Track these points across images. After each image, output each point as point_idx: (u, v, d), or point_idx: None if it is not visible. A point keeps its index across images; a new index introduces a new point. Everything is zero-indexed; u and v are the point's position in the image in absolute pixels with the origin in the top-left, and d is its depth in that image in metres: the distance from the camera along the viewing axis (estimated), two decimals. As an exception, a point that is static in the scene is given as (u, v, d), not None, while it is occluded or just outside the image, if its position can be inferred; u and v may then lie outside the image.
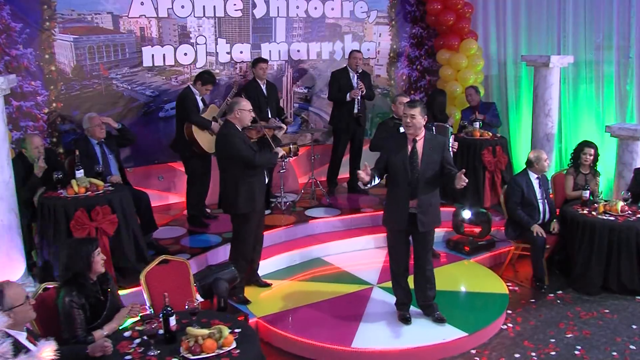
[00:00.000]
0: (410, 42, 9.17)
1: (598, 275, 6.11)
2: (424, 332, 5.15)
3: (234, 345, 3.67)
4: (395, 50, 9.10)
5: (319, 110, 8.56)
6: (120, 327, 3.97)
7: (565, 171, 7.12)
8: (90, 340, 3.82)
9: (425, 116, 4.99)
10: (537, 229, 6.23)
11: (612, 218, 6.15)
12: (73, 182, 5.27)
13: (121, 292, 5.16)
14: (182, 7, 7.34)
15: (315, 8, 8.31)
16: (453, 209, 7.13)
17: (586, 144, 6.95)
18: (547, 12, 8.53)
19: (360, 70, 7.81)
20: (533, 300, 6.07)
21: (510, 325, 5.56)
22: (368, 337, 5.07)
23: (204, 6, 7.47)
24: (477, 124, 7.81)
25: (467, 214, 6.93)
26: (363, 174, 4.93)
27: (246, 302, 5.69)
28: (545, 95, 7.91)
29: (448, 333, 5.13)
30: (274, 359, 5.05)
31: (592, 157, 6.87)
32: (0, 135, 4.88)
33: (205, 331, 3.67)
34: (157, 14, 7.21)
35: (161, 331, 3.74)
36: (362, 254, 6.87)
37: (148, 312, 3.86)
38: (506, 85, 9.08)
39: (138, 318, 3.95)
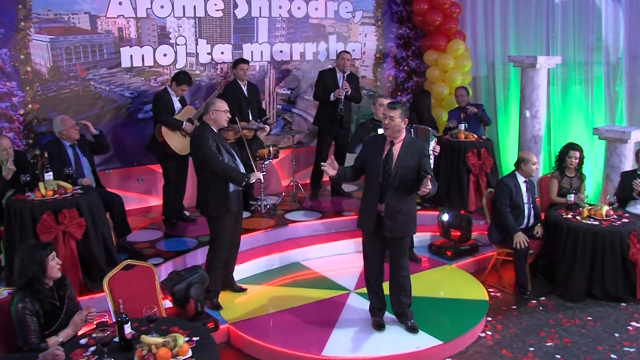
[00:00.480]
0: (397, 43, 9.04)
1: (582, 282, 5.98)
2: (398, 340, 5.02)
3: (189, 354, 3.55)
4: (382, 50, 8.98)
5: (302, 112, 8.44)
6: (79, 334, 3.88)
7: (550, 174, 6.98)
8: (44, 347, 3.71)
9: (406, 119, 4.86)
10: (519, 238, 6.08)
11: (596, 223, 6.00)
12: (40, 184, 5.16)
13: (88, 298, 5.10)
14: (162, 7, 7.23)
15: (299, 8, 8.19)
16: (437, 213, 7.02)
17: (571, 146, 6.80)
18: (536, 12, 8.41)
19: (348, 72, 7.69)
20: (514, 307, 5.94)
21: (489, 332, 5.42)
22: (340, 345, 4.94)
23: (183, 6, 7.35)
24: (462, 126, 7.69)
25: (445, 216, 6.81)
26: (328, 167, 4.83)
27: (219, 307, 5.57)
28: (533, 96, 7.79)
29: (422, 341, 4.99)
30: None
31: (577, 161, 6.73)
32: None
33: (160, 340, 3.56)
34: (136, 14, 7.10)
35: (117, 339, 3.65)
36: (342, 259, 6.75)
37: (104, 319, 3.74)
38: (494, 86, 8.95)
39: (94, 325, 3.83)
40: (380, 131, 6.20)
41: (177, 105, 6.70)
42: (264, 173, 7.25)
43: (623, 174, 6.74)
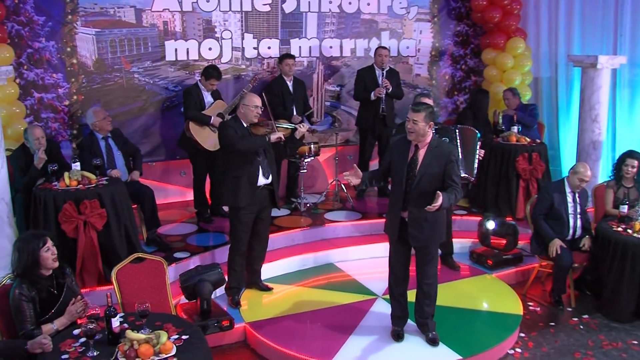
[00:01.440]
0: (455, 40, 8.67)
1: (629, 301, 5.51)
2: (413, 352, 4.78)
3: (172, 352, 3.46)
4: (438, 48, 8.63)
5: (351, 109, 8.22)
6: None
7: (606, 183, 6.47)
8: (37, 334, 3.70)
9: (432, 122, 4.58)
10: (556, 245, 5.68)
11: (648, 238, 5.52)
12: (65, 174, 5.24)
13: (102, 289, 5.14)
14: (207, 1, 7.23)
15: (350, 3, 7.98)
16: (479, 219, 6.67)
17: (630, 154, 6.28)
18: (603, 10, 7.85)
19: (386, 68, 7.44)
20: (552, 324, 5.55)
21: (518, 350, 5.08)
22: (351, 353, 4.74)
23: (230, 0, 7.32)
24: (515, 128, 7.28)
25: (491, 224, 6.44)
26: (351, 177, 4.66)
27: (238, 305, 5.50)
28: (593, 99, 7.26)
29: (439, 355, 4.73)
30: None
31: (634, 170, 6.19)
32: (-8, 126, 4.93)
33: (142, 336, 3.50)
34: (181, 7, 7.13)
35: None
36: (378, 262, 6.42)
37: (96, 311, 3.72)
38: (557, 88, 8.42)
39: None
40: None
41: (208, 99, 6.68)
42: (305, 171, 7.17)
43: None
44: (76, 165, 5.38)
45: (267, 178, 5.43)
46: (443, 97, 8.76)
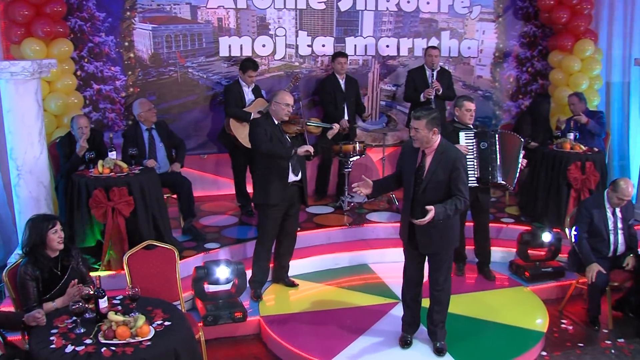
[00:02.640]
0: (521, 42, 8.31)
1: (671, 330, 5.10)
2: (414, 359, 4.67)
3: (149, 336, 3.59)
4: (502, 49, 8.30)
5: (407, 109, 8.07)
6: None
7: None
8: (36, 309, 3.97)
9: (435, 128, 4.44)
10: (593, 271, 5.32)
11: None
12: (99, 162, 5.54)
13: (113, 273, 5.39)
14: (262, -2, 7.38)
15: (408, 2, 7.85)
16: (529, 228, 6.39)
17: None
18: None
19: (437, 68, 7.26)
20: (581, 345, 5.23)
21: (536, 368, 4.85)
22: (353, 355, 4.72)
23: (284, -2, 7.44)
24: (571, 135, 6.89)
25: (547, 236, 6.14)
26: (361, 187, 4.62)
27: (259, 298, 5.61)
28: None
29: (440, 365, 4.61)
30: (260, 358, 5.00)
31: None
32: (33, 115, 5.29)
33: (120, 318, 3.66)
34: (236, 4, 7.31)
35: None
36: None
37: (88, 291, 3.91)
38: (629, 93, 7.86)
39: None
40: (462, 135, 5.81)
41: (248, 97, 6.82)
42: (349, 169, 7.14)
43: None
44: (112, 154, 5.66)
45: (297, 175, 5.49)
46: (506, 101, 8.42)
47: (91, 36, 6.90)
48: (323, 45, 7.71)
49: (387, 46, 7.94)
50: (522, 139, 5.87)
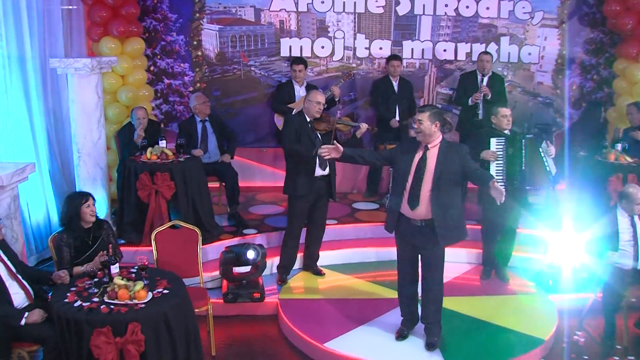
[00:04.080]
0: (586, 49, 8.11)
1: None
2: (405, 353, 4.93)
3: (145, 300, 4.15)
4: (564, 56, 8.16)
5: (464, 113, 8.20)
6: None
7: None
8: (69, 270, 4.65)
9: (437, 122, 4.64)
10: (609, 257, 5.29)
11: None
12: (148, 150, 6.23)
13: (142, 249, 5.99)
14: (322, 2, 7.82)
15: (467, 7, 7.95)
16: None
17: None
18: None
19: (488, 73, 7.33)
20: (586, 358, 5.21)
21: (528, 375, 4.93)
22: (348, 342, 5.05)
23: (344, 2, 7.83)
24: (619, 146, 6.73)
25: None
26: (332, 151, 4.75)
27: (284, 282, 6.07)
28: None
29: (423, 359, 4.82)
30: (270, 337, 5.45)
31: None
32: (93, 105, 6.07)
33: (123, 282, 4.25)
34: (297, 8, 7.81)
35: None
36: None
37: (106, 259, 4.54)
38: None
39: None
40: (493, 141, 5.91)
41: (299, 94, 7.22)
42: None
43: None
44: (162, 143, 6.34)
45: (324, 170, 5.85)
46: (568, 108, 8.26)
47: (164, 35, 7.68)
48: (380, 48, 8.01)
49: (445, 50, 8.09)
50: (543, 139, 5.86)
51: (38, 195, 6.59)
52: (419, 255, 4.95)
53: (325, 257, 6.47)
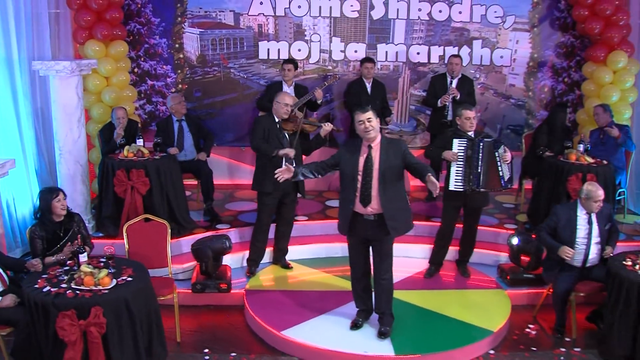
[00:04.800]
0: (557, 52, 8.34)
1: (622, 342, 5.10)
2: (356, 340, 5.21)
3: (109, 287, 4.49)
4: (537, 59, 8.39)
5: (436, 114, 8.46)
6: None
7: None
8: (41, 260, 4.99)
9: (378, 118, 4.97)
10: (564, 251, 5.47)
11: (651, 276, 5.08)
12: (126, 148, 6.56)
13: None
14: (299, 7, 8.11)
15: (440, 11, 8.20)
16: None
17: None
18: None
19: (458, 76, 7.58)
20: (534, 349, 5.44)
21: (473, 364, 5.19)
22: (304, 331, 5.34)
23: (320, 6, 8.11)
24: (581, 147, 6.96)
25: (515, 240, 6.37)
26: (284, 173, 5.01)
27: (252, 274, 6.39)
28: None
29: (376, 348, 5.10)
30: (235, 325, 5.75)
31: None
32: (74, 105, 6.42)
33: (88, 269, 4.58)
34: (275, 12, 8.12)
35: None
36: (406, 262, 6.72)
37: (76, 249, 4.87)
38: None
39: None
40: (455, 143, 6.15)
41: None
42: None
43: None
44: (139, 141, 6.66)
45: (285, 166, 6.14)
46: (540, 110, 8.49)
47: (147, 38, 8.02)
48: (355, 51, 8.30)
49: (418, 53, 8.35)
50: (496, 141, 6.09)
51: (24, 190, 6.93)
52: (370, 249, 5.24)
53: (295, 252, 6.77)
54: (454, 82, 7.60)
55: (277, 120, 6.12)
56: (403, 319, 5.45)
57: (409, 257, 6.85)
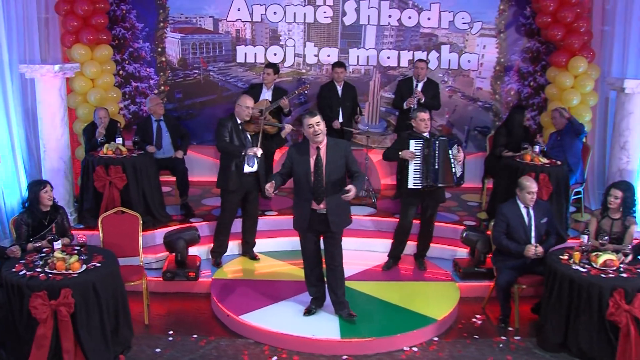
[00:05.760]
0: (523, 57, 8.72)
1: (556, 331, 5.50)
2: (307, 325, 5.64)
3: (78, 271, 4.97)
4: (503, 63, 8.77)
5: (406, 116, 8.85)
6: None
7: (592, 212, 6.37)
8: (23, 246, 5.46)
9: (324, 121, 5.44)
10: (530, 250, 5.86)
11: (583, 270, 5.42)
12: (105, 145, 7.02)
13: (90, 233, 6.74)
14: (275, 13, 8.57)
15: (410, 17, 8.62)
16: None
17: (615, 184, 6.15)
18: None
19: (423, 80, 7.95)
20: (476, 337, 5.83)
21: (415, 349, 5.57)
22: (260, 316, 5.77)
23: (294, 13, 8.56)
24: (537, 148, 7.33)
25: (465, 235, 6.77)
26: (269, 189, 5.37)
27: (218, 265, 6.82)
28: (622, 125, 7.09)
29: (324, 331, 5.53)
30: (201, 311, 6.20)
31: (618, 201, 6.01)
32: (57, 105, 6.90)
33: (60, 255, 5.06)
34: (252, 18, 8.58)
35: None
36: (366, 255, 7.20)
37: (50, 237, 5.33)
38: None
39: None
40: (412, 143, 6.53)
41: (264, 96, 7.86)
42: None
43: None
44: (118, 140, 7.13)
45: (252, 167, 6.57)
46: (506, 112, 8.84)
47: (131, 42, 8.51)
48: (328, 56, 8.72)
49: (388, 58, 8.77)
50: (450, 140, 6.48)
51: (14, 184, 7.42)
52: (321, 240, 5.68)
53: (264, 244, 7.23)
54: (420, 85, 7.97)
55: (239, 122, 6.53)
56: (354, 306, 5.82)
57: (371, 250, 7.29)
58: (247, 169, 6.55)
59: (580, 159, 7.73)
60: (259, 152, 6.47)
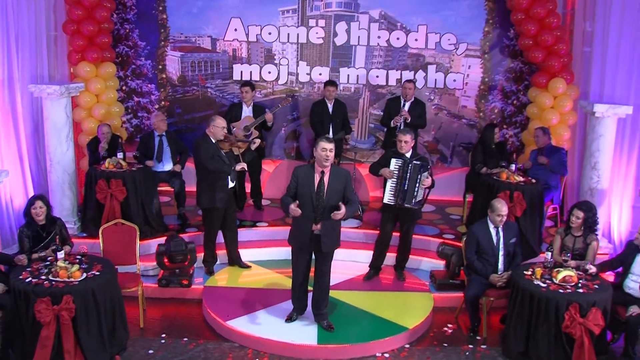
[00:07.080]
0: (507, 77, 9.13)
1: (518, 341, 5.93)
2: (287, 331, 6.11)
3: (79, 279, 5.47)
4: (487, 83, 9.19)
5: (393, 132, 9.29)
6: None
7: (557, 230, 6.80)
8: (28, 255, 5.98)
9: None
10: (494, 279, 6.31)
11: (543, 285, 5.83)
12: (107, 160, 7.53)
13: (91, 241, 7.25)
14: (269, 33, 9.05)
15: (398, 38, 9.05)
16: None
17: (577, 204, 6.56)
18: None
19: (411, 99, 8.32)
20: (445, 345, 6.26)
21: (387, 355, 6.02)
22: (245, 321, 6.24)
23: (288, 34, 9.04)
24: (513, 166, 7.75)
25: (441, 249, 7.22)
26: (295, 207, 5.71)
27: (211, 273, 7.30)
28: (593, 146, 7.47)
29: (302, 338, 5.99)
30: (193, 316, 6.67)
31: (579, 221, 6.44)
32: (63, 122, 7.42)
33: (63, 264, 5.57)
34: (248, 38, 9.08)
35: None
36: (350, 265, 7.59)
37: (54, 248, 5.85)
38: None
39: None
40: (393, 162, 6.96)
41: (245, 114, 8.29)
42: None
43: (629, 244, 6.28)
44: (119, 155, 7.63)
45: (233, 182, 7.06)
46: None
47: (134, 60, 9.03)
48: (320, 74, 9.18)
49: (377, 76, 9.21)
50: (422, 167, 6.77)
51: (21, 194, 7.92)
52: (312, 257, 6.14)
53: (255, 254, 7.70)
54: (407, 105, 8.33)
55: (214, 141, 6.92)
56: (333, 314, 6.32)
57: (355, 261, 7.71)
58: (230, 184, 7.02)
59: (559, 180, 8.14)
60: (245, 166, 6.93)
